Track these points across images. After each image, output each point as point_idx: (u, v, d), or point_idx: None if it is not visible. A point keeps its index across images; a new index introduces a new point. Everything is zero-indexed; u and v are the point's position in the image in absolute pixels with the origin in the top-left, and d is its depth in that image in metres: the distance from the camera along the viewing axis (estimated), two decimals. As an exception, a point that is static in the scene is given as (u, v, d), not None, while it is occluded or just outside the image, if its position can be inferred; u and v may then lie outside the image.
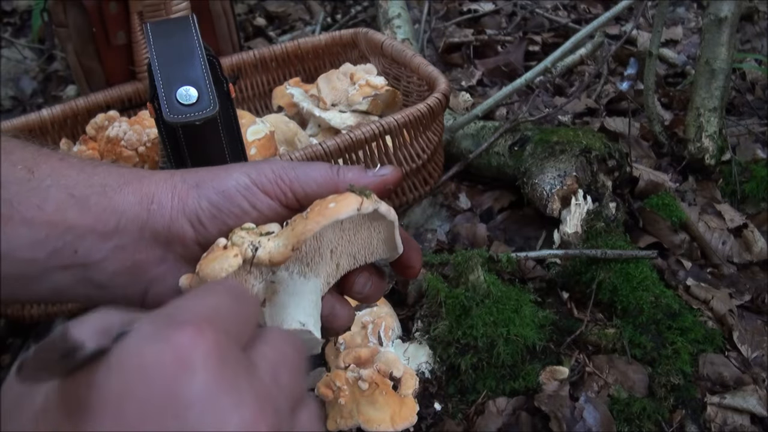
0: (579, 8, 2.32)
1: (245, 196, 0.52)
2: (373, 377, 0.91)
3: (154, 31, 0.85)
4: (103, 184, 0.51)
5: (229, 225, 0.52)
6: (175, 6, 1.34)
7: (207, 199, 0.52)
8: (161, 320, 0.33)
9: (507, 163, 1.36)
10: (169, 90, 0.82)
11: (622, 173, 1.31)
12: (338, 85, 1.34)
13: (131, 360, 0.31)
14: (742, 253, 1.26)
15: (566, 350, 1.03)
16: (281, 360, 0.36)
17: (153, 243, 0.52)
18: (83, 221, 0.50)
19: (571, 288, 1.14)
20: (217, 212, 0.52)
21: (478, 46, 2.08)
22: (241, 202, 0.52)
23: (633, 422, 0.93)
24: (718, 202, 1.36)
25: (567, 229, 1.17)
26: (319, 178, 0.54)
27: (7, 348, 1.21)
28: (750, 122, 1.57)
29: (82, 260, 0.50)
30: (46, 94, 2.10)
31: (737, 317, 1.11)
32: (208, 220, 0.52)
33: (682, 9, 2.28)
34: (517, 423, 0.95)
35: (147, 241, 0.52)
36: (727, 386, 1.00)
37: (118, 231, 0.51)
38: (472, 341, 0.98)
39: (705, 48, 1.39)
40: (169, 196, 0.52)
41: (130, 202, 0.51)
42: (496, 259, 1.12)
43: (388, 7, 1.90)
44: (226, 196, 0.52)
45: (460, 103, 1.71)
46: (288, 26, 2.42)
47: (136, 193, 0.52)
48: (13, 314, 1.14)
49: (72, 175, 0.50)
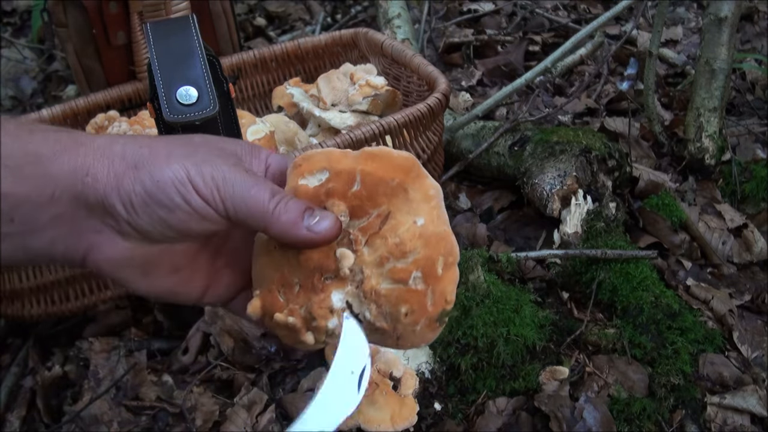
0: (579, 8, 2.32)
1: (179, 190, 0.51)
2: (373, 377, 0.91)
3: (154, 31, 0.85)
4: (37, 153, 0.50)
5: (160, 215, 0.52)
6: (175, 6, 1.34)
7: (141, 184, 0.51)
8: None
9: (507, 163, 1.36)
10: (169, 90, 0.82)
11: (622, 173, 1.31)
12: (338, 85, 1.34)
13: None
14: (742, 253, 1.26)
15: (566, 350, 1.03)
16: None
17: (87, 212, 0.52)
18: (18, 190, 0.49)
19: (571, 288, 1.14)
20: (150, 201, 0.51)
21: (478, 46, 2.08)
22: (174, 196, 0.51)
23: (633, 422, 0.93)
24: (718, 202, 1.36)
25: (567, 229, 1.17)
26: (253, 207, 0.52)
27: (7, 348, 1.22)
28: (750, 122, 1.57)
29: (19, 228, 0.51)
30: (46, 94, 2.10)
31: (737, 317, 1.11)
32: (139, 206, 0.51)
33: (682, 9, 2.28)
34: (517, 423, 0.95)
35: (82, 210, 0.52)
36: (727, 386, 1.00)
37: (54, 200, 0.51)
38: (472, 341, 0.98)
39: (705, 48, 1.39)
40: (105, 172, 0.51)
41: (65, 172, 0.51)
42: (496, 259, 1.12)
43: (388, 7, 1.90)
44: (160, 187, 0.51)
45: (460, 103, 1.71)
46: (288, 26, 2.42)
47: (71, 162, 0.51)
48: (13, 314, 1.14)
49: (7, 143, 0.50)
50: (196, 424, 1.03)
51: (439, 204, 0.56)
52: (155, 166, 0.52)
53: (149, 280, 0.57)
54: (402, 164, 0.56)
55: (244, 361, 1.11)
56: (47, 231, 0.52)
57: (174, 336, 1.19)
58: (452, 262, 0.54)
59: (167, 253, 0.56)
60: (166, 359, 1.15)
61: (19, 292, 1.11)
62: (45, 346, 1.20)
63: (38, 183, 0.50)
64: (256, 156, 0.58)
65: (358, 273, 0.55)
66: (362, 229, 0.55)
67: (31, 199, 0.50)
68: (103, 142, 0.53)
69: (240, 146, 0.58)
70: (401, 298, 0.54)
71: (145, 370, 1.12)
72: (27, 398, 1.12)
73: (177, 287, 0.58)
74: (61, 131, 0.53)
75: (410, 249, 0.53)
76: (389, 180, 0.55)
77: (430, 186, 0.56)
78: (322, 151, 0.57)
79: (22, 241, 0.51)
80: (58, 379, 1.12)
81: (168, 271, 0.57)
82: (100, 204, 0.51)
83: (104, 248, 0.53)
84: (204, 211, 0.52)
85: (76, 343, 1.15)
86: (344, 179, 0.55)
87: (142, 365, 1.12)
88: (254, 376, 1.09)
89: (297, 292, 0.56)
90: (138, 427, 1.05)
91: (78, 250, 0.53)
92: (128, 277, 0.56)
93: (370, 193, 0.55)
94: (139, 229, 0.52)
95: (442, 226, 0.55)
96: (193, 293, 0.60)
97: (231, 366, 1.11)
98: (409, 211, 0.55)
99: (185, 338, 1.15)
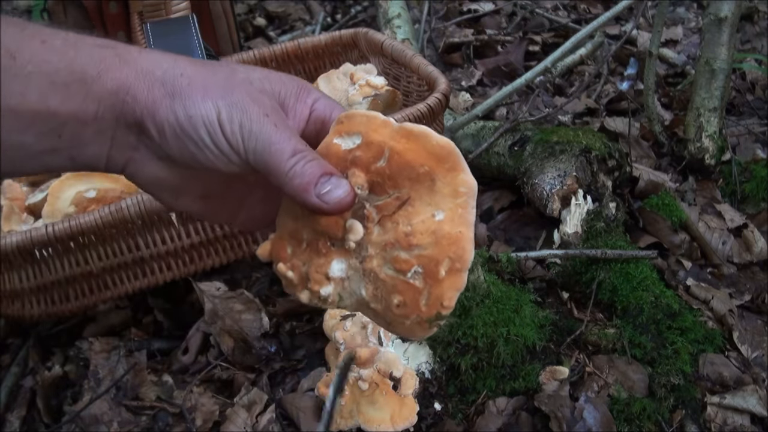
0: (579, 8, 2.32)
1: (208, 130, 0.52)
2: (373, 377, 0.91)
3: (154, 31, 0.85)
4: (83, 71, 0.52)
5: (190, 149, 0.53)
6: (175, 6, 1.34)
7: (175, 115, 0.52)
8: None
9: (507, 163, 1.36)
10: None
11: (622, 173, 1.31)
12: (338, 85, 1.34)
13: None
14: (742, 253, 1.26)
15: (566, 350, 1.03)
16: None
17: (127, 130, 0.54)
18: (65, 108, 0.51)
19: (571, 288, 1.14)
20: (181, 133, 0.52)
21: (478, 46, 2.08)
22: (203, 134, 0.52)
23: (633, 422, 0.93)
24: (718, 202, 1.36)
25: (567, 229, 1.17)
26: (271, 164, 0.52)
27: (7, 348, 1.22)
28: (750, 122, 1.57)
29: (66, 144, 0.53)
30: (46, 94, 2.10)
31: (737, 317, 1.11)
32: (171, 136, 0.53)
33: (682, 9, 2.28)
34: (517, 423, 0.95)
35: (122, 128, 0.54)
36: (727, 386, 1.00)
37: (97, 118, 0.53)
38: (472, 341, 0.98)
39: (705, 48, 1.39)
40: (144, 95, 0.53)
41: (108, 91, 0.52)
42: (496, 259, 1.12)
43: (388, 7, 1.90)
44: (192, 122, 0.52)
45: (460, 103, 1.71)
46: (288, 26, 2.42)
47: (114, 81, 0.52)
48: (13, 314, 1.14)
49: (53, 60, 0.51)
50: (196, 424, 1.03)
51: (467, 203, 0.52)
52: (190, 99, 0.53)
53: (180, 200, 0.59)
54: (437, 152, 0.52)
55: (244, 361, 1.11)
56: (91, 146, 0.54)
57: (174, 336, 1.19)
58: (459, 268, 0.51)
59: (198, 179, 0.58)
60: (166, 359, 1.15)
61: (19, 292, 1.11)
62: (45, 346, 1.20)
63: (84, 101, 0.52)
64: (303, 99, 0.58)
65: (363, 249, 0.53)
66: (378, 207, 0.52)
67: (77, 117, 0.52)
68: (146, 63, 0.54)
69: (285, 86, 0.57)
70: (397, 288, 0.52)
71: (145, 370, 1.12)
72: (27, 398, 1.12)
73: (205, 211, 0.61)
74: (106, 47, 0.54)
75: (418, 243, 0.51)
76: (417, 166, 0.51)
77: (463, 182, 0.52)
78: (366, 114, 0.54)
79: (68, 153, 0.54)
80: (58, 379, 1.12)
81: (197, 195, 0.59)
82: (138, 124, 0.53)
83: (139, 165, 0.56)
84: (230, 156, 0.53)
85: (76, 343, 1.15)
86: (373, 151, 0.52)
87: (142, 365, 1.12)
88: (254, 376, 1.09)
89: (303, 248, 0.54)
90: (138, 427, 1.05)
91: (118, 163, 0.56)
92: (160, 195, 0.59)
93: (393, 173, 0.52)
94: (170, 155, 0.54)
95: (460, 227, 0.51)
96: (223, 218, 0.62)
97: (231, 366, 1.11)
98: (431, 202, 0.52)
99: (185, 338, 1.15)
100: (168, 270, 1.15)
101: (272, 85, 0.57)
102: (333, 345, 1.01)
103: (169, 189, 0.58)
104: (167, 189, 0.58)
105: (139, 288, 1.15)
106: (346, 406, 0.89)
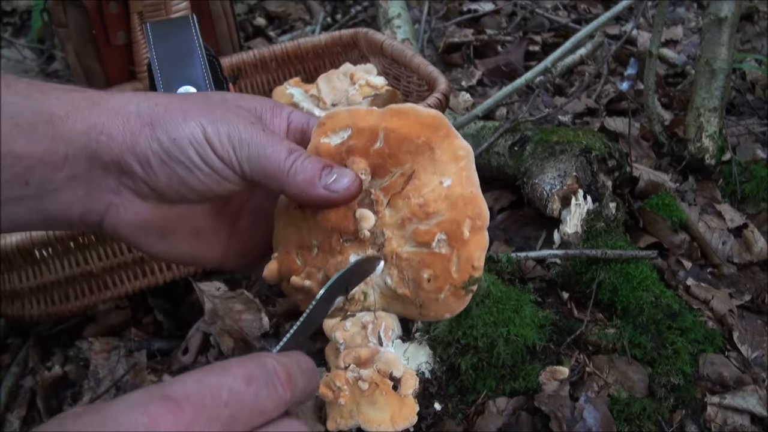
0: (579, 8, 2.32)
1: (196, 149, 0.50)
2: (373, 377, 0.91)
3: (154, 31, 0.85)
4: (49, 113, 0.49)
5: (179, 175, 0.50)
6: (175, 6, 1.34)
7: (158, 142, 0.50)
8: (154, 389, 0.35)
9: (507, 163, 1.36)
10: (169, 90, 0.82)
11: (622, 173, 1.30)
12: (338, 85, 1.34)
13: (110, 420, 0.33)
14: (742, 253, 1.26)
15: (566, 350, 1.03)
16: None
17: (104, 172, 0.51)
18: (30, 150, 0.48)
19: (571, 288, 1.14)
20: (168, 159, 0.50)
21: (478, 46, 2.08)
22: (191, 155, 0.50)
23: (633, 422, 0.93)
24: (718, 202, 1.36)
25: (567, 229, 1.17)
26: (268, 167, 0.50)
27: (7, 348, 1.22)
28: (750, 122, 1.57)
29: (33, 192, 0.49)
30: (46, 94, 2.09)
31: (737, 317, 1.11)
32: (157, 165, 0.50)
33: (682, 9, 2.28)
34: (517, 423, 0.95)
35: (98, 171, 0.51)
36: (727, 386, 1.00)
37: (68, 161, 0.49)
38: (472, 341, 0.98)
39: (705, 48, 1.39)
40: (119, 130, 0.50)
41: (78, 131, 0.49)
42: (496, 259, 1.12)
43: (388, 7, 1.90)
44: (178, 144, 0.50)
45: (460, 103, 1.71)
46: (288, 26, 2.42)
47: (85, 121, 0.49)
48: (13, 314, 1.14)
49: (16, 102, 0.48)
50: (196, 424, 1.03)
51: (469, 165, 0.52)
52: (171, 123, 0.50)
53: (168, 244, 0.55)
54: (430, 122, 0.52)
55: (244, 361, 1.11)
56: (63, 193, 0.50)
57: (174, 336, 1.19)
58: (480, 225, 0.50)
59: (186, 216, 0.55)
60: (166, 359, 1.15)
61: (19, 292, 1.11)
62: (45, 346, 1.20)
63: (52, 143, 0.49)
64: (278, 114, 0.57)
65: (379, 235, 0.51)
66: (384, 189, 0.51)
67: (45, 160, 0.49)
68: (117, 102, 0.51)
69: (260, 103, 0.56)
70: (424, 262, 0.50)
71: (145, 370, 1.12)
72: (27, 398, 1.12)
73: (197, 251, 0.57)
74: (74, 90, 0.52)
75: (434, 210, 0.50)
76: (414, 138, 0.51)
77: (460, 146, 0.53)
78: (347, 109, 0.54)
79: (37, 204, 0.50)
80: (58, 379, 1.12)
81: (187, 234, 0.56)
82: (116, 163, 0.50)
83: (121, 210, 0.52)
84: (222, 172, 0.51)
85: (76, 343, 1.15)
86: (366, 136, 0.52)
87: (142, 365, 1.12)
88: (254, 376, 1.09)
89: (315, 254, 0.53)
90: (138, 427, 1.05)
91: (95, 212, 0.52)
92: (146, 241, 0.55)
93: (393, 150, 0.51)
94: (156, 189, 0.51)
95: (470, 187, 0.51)
96: (215, 257, 0.59)
97: (231, 366, 1.11)
98: (435, 171, 0.51)
99: (185, 338, 1.15)
100: (168, 270, 1.15)
101: (247, 103, 0.56)
102: (333, 345, 1.00)
103: (156, 232, 0.54)
104: (154, 232, 0.54)
105: (139, 288, 1.15)
106: (346, 406, 0.89)
